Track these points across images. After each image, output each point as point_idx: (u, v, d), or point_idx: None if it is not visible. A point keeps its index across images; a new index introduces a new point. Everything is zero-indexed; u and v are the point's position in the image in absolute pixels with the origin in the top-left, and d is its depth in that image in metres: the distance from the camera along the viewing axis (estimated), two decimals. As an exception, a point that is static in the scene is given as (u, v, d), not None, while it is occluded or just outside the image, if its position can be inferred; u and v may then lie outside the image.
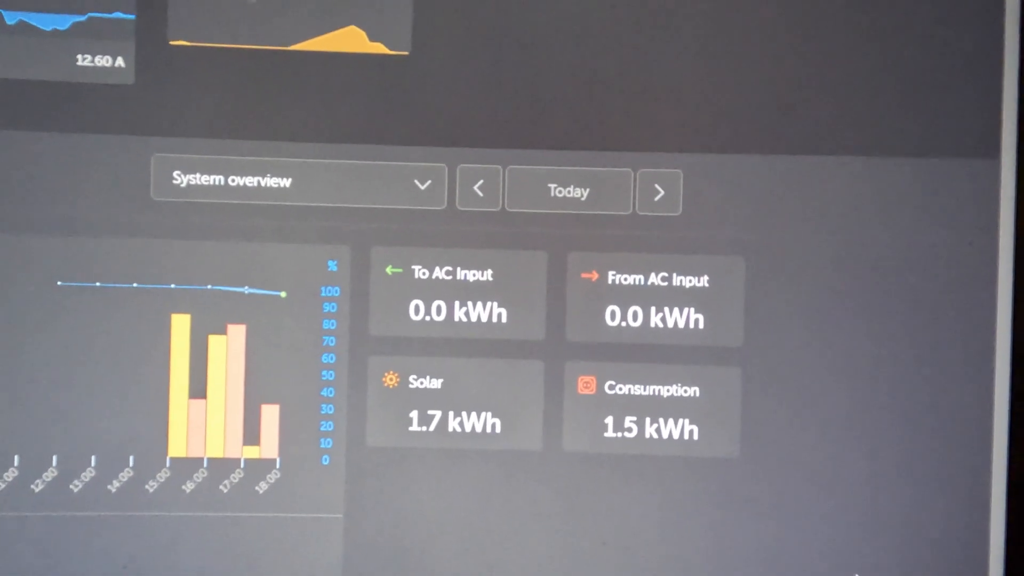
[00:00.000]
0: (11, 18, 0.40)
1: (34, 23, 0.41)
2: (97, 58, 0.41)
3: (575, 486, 0.42)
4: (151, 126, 0.41)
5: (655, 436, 0.42)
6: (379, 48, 0.42)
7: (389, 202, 0.42)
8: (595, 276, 0.42)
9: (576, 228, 0.42)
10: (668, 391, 0.42)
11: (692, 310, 0.42)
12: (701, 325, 0.42)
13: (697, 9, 0.42)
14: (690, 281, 0.42)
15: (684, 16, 0.42)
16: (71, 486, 0.41)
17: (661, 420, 0.42)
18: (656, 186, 0.42)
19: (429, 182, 0.42)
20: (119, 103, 0.41)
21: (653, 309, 0.42)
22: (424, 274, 0.42)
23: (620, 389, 0.42)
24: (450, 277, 0.42)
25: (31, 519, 0.41)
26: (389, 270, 0.42)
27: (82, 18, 0.41)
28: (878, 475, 0.42)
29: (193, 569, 0.41)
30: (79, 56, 0.41)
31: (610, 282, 0.42)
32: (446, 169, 0.42)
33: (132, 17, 0.41)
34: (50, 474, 0.41)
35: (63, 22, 0.41)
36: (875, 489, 0.42)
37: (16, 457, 0.41)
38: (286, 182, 0.42)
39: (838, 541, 0.42)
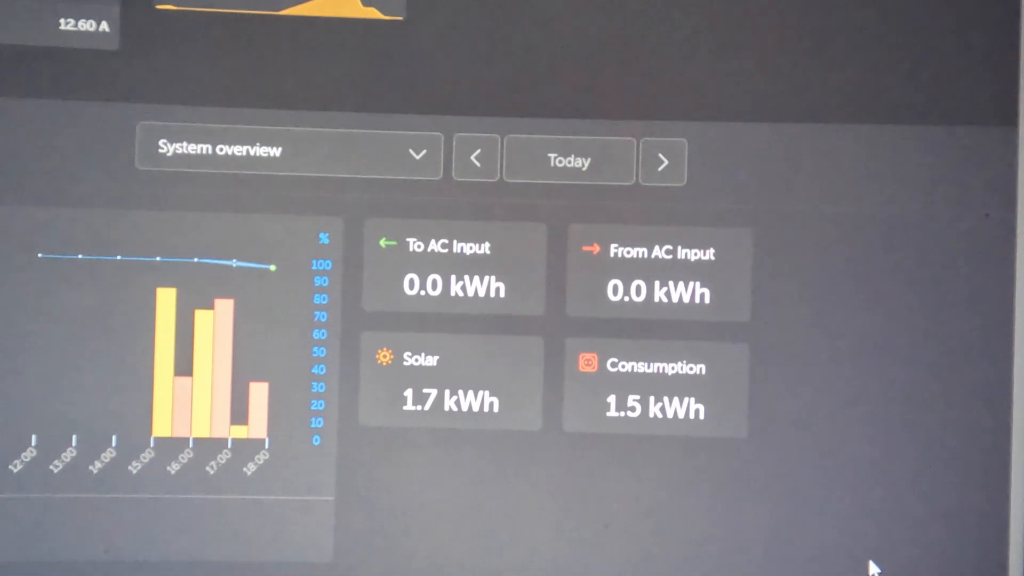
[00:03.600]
0: (-9, -20, 0.39)
1: (15, -15, 0.39)
2: (80, 22, 0.39)
3: (576, 467, 0.40)
4: (136, 93, 0.40)
5: (659, 416, 0.40)
6: (373, 13, 0.41)
7: (383, 172, 0.41)
8: (597, 249, 0.41)
9: (577, 199, 0.41)
10: (673, 369, 0.41)
11: (697, 284, 0.41)
12: (707, 300, 0.41)
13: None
14: (695, 254, 0.41)
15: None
16: (51, 467, 0.39)
17: (666, 399, 0.41)
18: (660, 155, 0.41)
19: (425, 151, 0.41)
20: (103, 69, 0.40)
21: (657, 283, 0.41)
22: (419, 247, 0.41)
23: (623, 367, 0.41)
24: (446, 250, 0.41)
25: (10, 501, 0.39)
26: (383, 243, 0.41)
27: (65, -19, 0.40)
28: (891, 456, 0.40)
29: (178, 553, 0.40)
30: (62, 20, 0.39)
31: (612, 255, 0.41)
32: (442, 138, 0.41)
33: (117, -20, 0.40)
34: (29, 454, 0.39)
35: (45, -15, 0.40)
36: (888, 470, 0.40)
37: (-6, 436, 0.39)
38: (276, 151, 0.40)
39: (850, 525, 0.40)
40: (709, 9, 0.41)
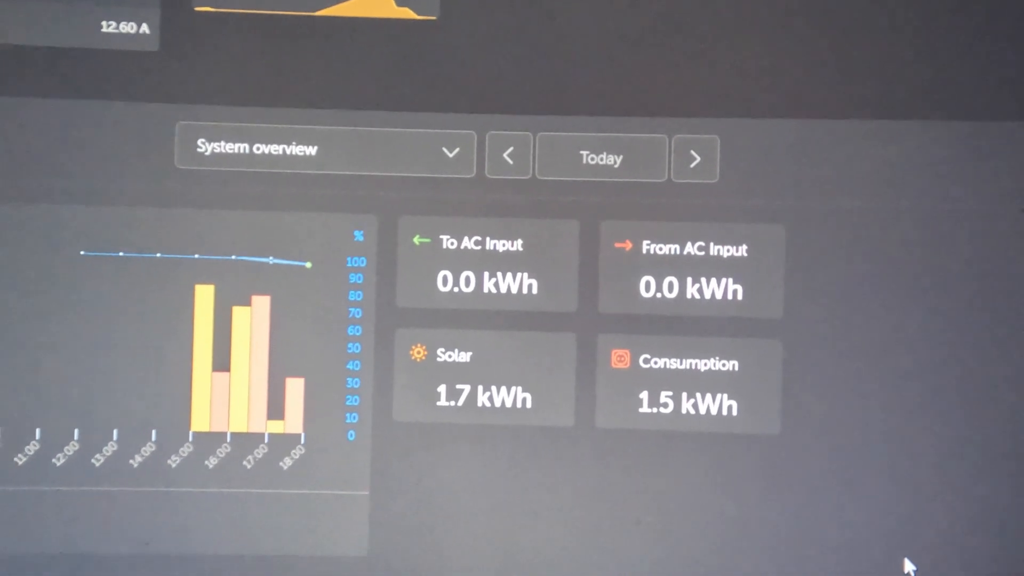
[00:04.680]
0: (36, -16, 0.40)
1: (59, -11, 0.40)
2: (122, 24, 0.40)
3: (608, 463, 0.40)
4: (175, 93, 0.41)
5: (692, 412, 0.41)
6: (407, 13, 0.41)
7: (417, 170, 0.41)
8: (629, 246, 0.41)
9: (609, 196, 0.41)
10: (705, 365, 0.41)
11: (730, 280, 0.41)
12: (740, 296, 0.41)
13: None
14: (728, 250, 0.41)
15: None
16: (93, 460, 0.40)
17: (698, 395, 0.41)
18: (692, 152, 0.41)
19: (458, 150, 0.41)
20: (143, 70, 0.40)
21: (689, 280, 0.41)
22: (452, 244, 0.41)
23: (655, 363, 0.41)
24: (479, 247, 0.41)
25: (52, 493, 0.40)
26: (417, 240, 0.41)
27: (107, -16, 0.40)
28: (926, 452, 0.40)
29: (216, 546, 0.40)
30: (103, 22, 0.40)
31: (644, 252, 0.41)
32: (475, 136, 0.41)
33: (157, -17, 0.41)
34: (72, 448, 0.40)
35: (88, -12, 0.40)
36: (923, 466, 0.40)
37: (38, 430, 0.40)
38: (312, 150, 0.41)
39: (884, 521, 0.40)
40: (741, 5, 0.41)
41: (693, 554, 0.40)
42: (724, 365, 0.41)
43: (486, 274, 0.41)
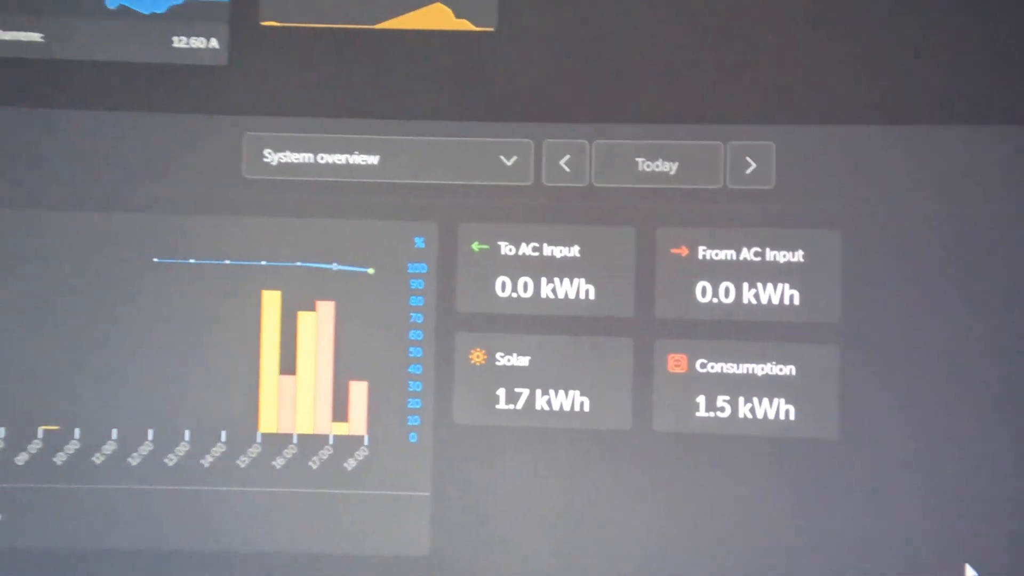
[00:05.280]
0: (112, 3, 0.42)
1: (133, 7, 0.42)
2: (192, 40, 0.42)
3: (665, 466, 0.41)
4: (243, 105, 0.42)
5: (749, 416, 0.41)
6: (465, 25, 0.42)
7: (475, 179, 0.42)
8: (685, 251, 0.41)
9: (665, 203, 0.41)
10: (762, 370, 0.41)
11: (787, 286, 0.41)
12: (796, 301, 0.41)
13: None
14: (784, 256, 0.41)
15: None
16: (166, 460, 0.41)
17: (755, 400, 0.41)
18: (747, 159, 0.41)
19: (515, 158, 0.42)
20: (213, 83, 0.42)
21: (746, 285, 0.41)
22: (511, 250, 0.42)
23: (712, 368, 0.41)
24: (537, 253, 0.42)
25: (127, 492, 0.41)
26: (476, 247, 0.42)
27: (178, 1, 0.42)
28: (986, 457, 0.40)
29: (283, 544, 0.41)
30: (175, 38, 0.42)
31: (701, 257, 0.41)
32: (532, 145, 0.42)
33: (226, 0, 0.42)
34: (146, 448, 0.41)
35: (160, 5, 0.42)
36: (983, 472, 0.40)
37: (114, 431, 0.41)
38: (374, 159, 0.42)
39: (945, 528, 0.40)
40: (794, 13, 0.41)
41: (750, 557, 0.41)
42: (781, 370, 0.41)
43: (544, 280, 0.42)
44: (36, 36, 0.41)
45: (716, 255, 0.41)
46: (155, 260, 0.42)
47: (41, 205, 0.41)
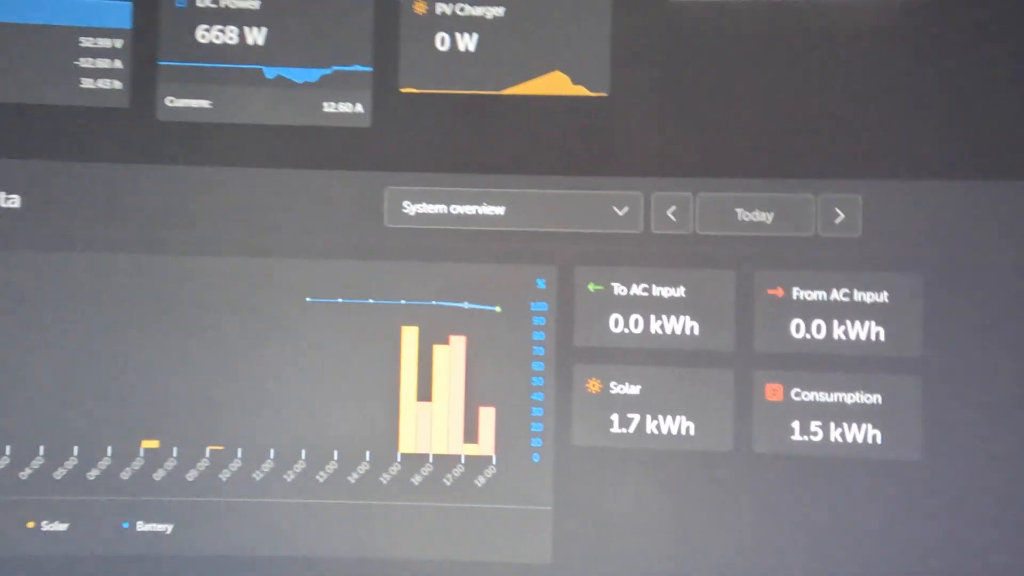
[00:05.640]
0: (270, 73, 0.47)
1: (289, 76, 0.47)
2: (340, 105, 0.47)
3: (764, 485, 0.46)
4: (385, 162, 0.47)
5: (839, 440, 0.45)
6: (581, 90, 0.47)
7: (591, 227, 0.47)
8: (780, 292, 0.46)
9: (762, 249, 0.46)
10: (851, 398, 0.46)
11: (873, 323, 0.46)
12: (882, 337, 0.46)
13: (874, 38, 0.46)
14: (870, 297, 0.46)
15: (861, 46, 0.46)
16: (317, 476, 0.47)
17: (845, 425, 0.46)
18: (836, 210, 0.46)
19: (627, 208, 0.47)
20: (358, 143, 0.47)
21: (835, 322, 0.46)
22: (623, 291, 0.47)
23: (806, 396, 0.46)
24: (646, 293, 0.47)
25: (283, 505, 0.47)
26: (591, 287, 0.47)
27: (328, 71, 0.47)
28: (1058, 479, 0.44)
29: (420, 552, 0.46)
30: (325, 103, 0.47)
31: (795, 298, 0.46)
32: (642, 197, 0.47)
33: (369, 69, 0.47)
34: (300, 466, 0.47)
35: (313, 75, 0.47)
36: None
37: (272, 451, 0.47)
38: (500, 210, 0.47)
39: (1022, 543, 0.44)
40: (881, 73, 0.46)
41: (841, 569, 0.45)
42: (868, 398, 0.45)
43: (652, 317, 0.47)
44: (205, 103, 0.47)
45: (808, 295, 0.46)
46: (308, 300, 0.47)
47: (207, 252, 0.47)
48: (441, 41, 0.48)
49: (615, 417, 0.47)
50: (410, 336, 0.47)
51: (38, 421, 0.46)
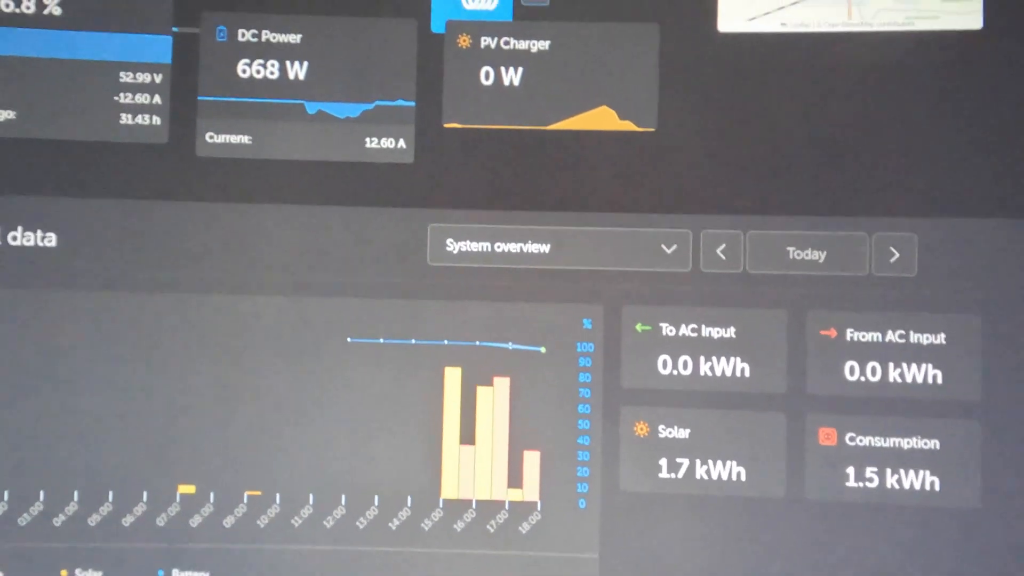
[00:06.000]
0: (312, 108, 0.46)
1: (331, 112, 0.46)
2: (382, 140, 0.46)
3: (817, 532, 0.44)
4: (427, 199, 0.46)
5: (896, 487, 0.44)
6: (628, 126, 0.46)
7: (639, 265, 0.46)
8: (834, 333, 0.45)
9: (814, 288, 0.45)
10: (908, 443, 0.44)
11: (930, 366, 0.44)
12: (939, 380, 0.44)
13: (930, 73, 0.45)
14: (927, 338, 0.45)
15: (916, 81, 0.45)
16: (357, 523, 0.45)
17: (902, 471, 0.44)
18: (891, 248, 0.45)
19: (675, 246, 0.46)
20: (401, 180, 0.47)
21: (891, 364, 0.45)
22: (671, 331, 0.46)
23: (860, 441, 0.45)
24: (695, 334, 0.46)
25: (322, 552, 0.45)
26: (639, 327, 0.46)
27: (370, 106, 0.46)
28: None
29: (463, 602, 0.45)
30: (367, 139, 0.46)
31: (848, 339, 0.45)
32: (691, 234, 0.46)
33: (412, 104, 0.47)
34: (339, 512, 0.45)
35: (354, 110, 0.47)
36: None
37: (311, 496, 0.45)
38: (545, 248, 0.46)
39: (1085, 592, 0.43)
40: (934, 111, 0.45)
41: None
42: (925, 444, 0.44)
43: (702, 358, 0.46)
44: (245, 139, 0.46)
45: (863, 337, 0.45)
46: (349, 340, 0.46)
47: (248, 291, 0.46)
48: (485, 75, 0.47)
49: (663, 461, 0.45)
50: (453, 377, 0.46)
51: (72, 466, 0.45)
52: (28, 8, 0.46)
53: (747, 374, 0.45)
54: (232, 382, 0.46)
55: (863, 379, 0.45)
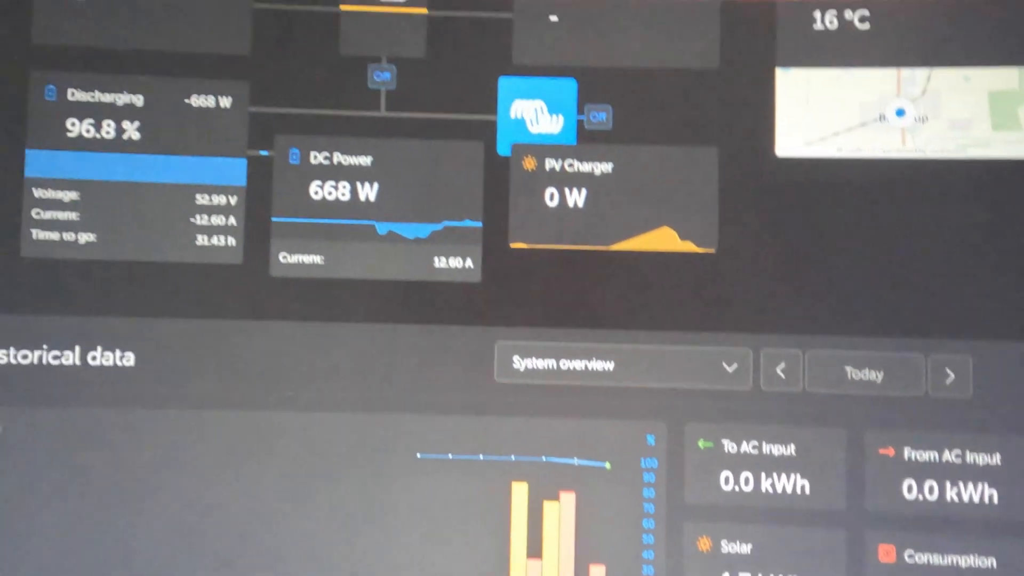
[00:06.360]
0: (382, 229, 0.48)
1: (400, 232, 0.48)
2: (451, 260, 0.48)
3: (878, 648, 0.46)
4: (495, 317, 0.48)
5: (954, 603, 0.46)
6: (689, 246, 0.48)
7: (700, 383, 0.47)
8: (892, 452, 0.46)
9: (872, 408, 0.46)
10: (965, 561, 0.45)
11: (985, 485, 0.46)
12: (995, 500, 0.46)
13: (985, 196, 0.47)
14: (983, 458, 0.46)
15: (971, 204, 0.47)
16: (425, 637, 0.47)
17: (960, 588, 0.46)
18: (947, 370, 0.46)
19: (736, 365, 0.47)
20: (468, 298, 0.48)
21: (948, 483, 0.46)
22: (733, 448, 0.47)
23: (919, 558, 0.46)
24: (756, 451, 0.47)
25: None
26: (701, 444, 0.47)
27: (438, 227, 0.48)
28: None
29: None
30: (436, 259, 0.48)
31: (906, 458, 0.46)
32: (751, 353, 0.47)
33: (479, 224, 0.48)
34: (409, 625, 0.47)
35: (423, 231, 0.48)
36: None
37: (381, 608, 0.47)
38: (609, 365, 0.48)
39: None
40: (989, 235, 0.46)
41: None
42: (983, 561, 0.45)
43: (763, 475, 0.47)
44: (318, 259, 0.47)
45: (920, 456, 0.46)
46: (418, 455, 0.47)
47: (320, 408, 0.47)
48: (550, 197, 0.48)
49: (727, 576, 0.47)
50: (520, 492, 0.47)
51: (151, 583, 0.46)
52: (108, 133, 0.48)
53: (807, 491, 0.47)
54: (304, 498, 0.47)
55: (921, 498, 0.46)
